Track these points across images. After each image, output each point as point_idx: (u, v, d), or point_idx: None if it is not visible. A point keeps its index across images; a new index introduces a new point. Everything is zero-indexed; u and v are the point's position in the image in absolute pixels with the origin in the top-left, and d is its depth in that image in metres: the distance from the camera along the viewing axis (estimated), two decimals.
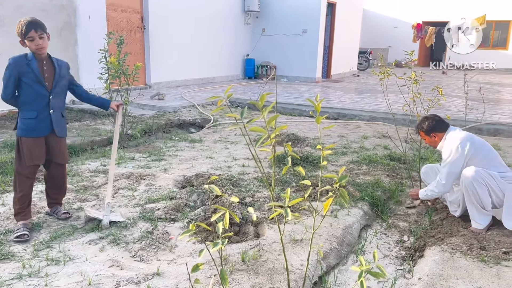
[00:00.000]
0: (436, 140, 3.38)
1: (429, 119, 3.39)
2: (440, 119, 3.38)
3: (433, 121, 3.35)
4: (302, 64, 13.30)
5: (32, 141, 2.93)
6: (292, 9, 13.02)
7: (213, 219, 1.54)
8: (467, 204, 3.09)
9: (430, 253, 2.77)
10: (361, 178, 4.26)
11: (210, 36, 12.04)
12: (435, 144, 3.42)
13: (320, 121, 1.65)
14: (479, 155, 3.13)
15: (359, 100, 9.58)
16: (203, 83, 11.88)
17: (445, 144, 3.28)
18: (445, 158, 3.23)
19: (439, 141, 3.36)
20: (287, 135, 5.89)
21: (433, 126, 3.35)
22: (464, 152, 3.11)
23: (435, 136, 3.36)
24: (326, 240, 2.91)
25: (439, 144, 3.37)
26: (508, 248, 2.73)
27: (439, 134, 3.34)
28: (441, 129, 3.34)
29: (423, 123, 3.40)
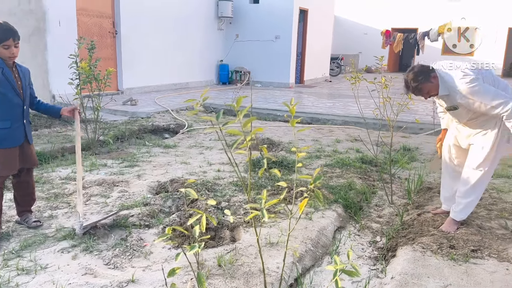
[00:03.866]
0: (437, 82, 2.93)
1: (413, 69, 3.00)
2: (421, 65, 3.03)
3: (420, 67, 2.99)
4: (276, 69, 13.41)
5: (6, 152, 2.85)
6: (265, 16, 13.14)
7: (190, 222, 1.54)
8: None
9: (402, 252, 2.84)
10: (334, 181, 4.33)
11: (183, 42, 12.00)
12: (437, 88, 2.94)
13: (294, 123, 1.68)
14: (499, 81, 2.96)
15: (331, 105, 9.73)
16: (177, 89, 11.80)
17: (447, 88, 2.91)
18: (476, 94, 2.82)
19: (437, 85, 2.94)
20: (262, 140, 5.92)
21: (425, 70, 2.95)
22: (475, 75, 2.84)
23: (435, 77, 2.93)
24: (301, 243, 2.94)
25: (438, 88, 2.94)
26: (476, 246, 2.84)
27: (435, 74, 2.94)
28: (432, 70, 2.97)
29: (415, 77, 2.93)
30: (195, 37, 12.52)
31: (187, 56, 12.22)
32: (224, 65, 13.67)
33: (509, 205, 3.60)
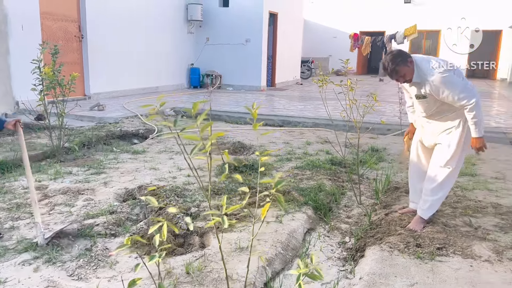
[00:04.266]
0: (413, 67, 3.01)
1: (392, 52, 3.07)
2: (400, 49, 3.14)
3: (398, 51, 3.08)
4: (247, 73, 13.43)
5: None
6: (235, 19, 13.14)
7: (151, 231, 1.50)
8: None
9: (370, 252, 2.88)
10: (305, 183, 4.35)
11: (153, 45, 11.85)
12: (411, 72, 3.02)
13: (257, 127, 1.66)
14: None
15: (302, 108, 9.81)
16: (146, 93, 11.63)
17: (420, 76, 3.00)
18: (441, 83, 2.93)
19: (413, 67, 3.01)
20: (233, 144, 5.89)
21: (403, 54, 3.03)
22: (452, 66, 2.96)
23: (411, 62, 3.01)
24: (271, 246, 2.93)
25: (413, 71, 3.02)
26: (441, 244, 2.90)
27: (411, 59, 3.02)
28: (410, 55, 3.05)
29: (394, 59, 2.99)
30: (165, 40, 12.40)
31: (157, 60, 12.08)
32: (195, 69, 13.58)
33: (473, 203, 3.71)
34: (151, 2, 11.70)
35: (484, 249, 2.82)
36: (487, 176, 4.61)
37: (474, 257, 2.72)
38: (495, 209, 3.57)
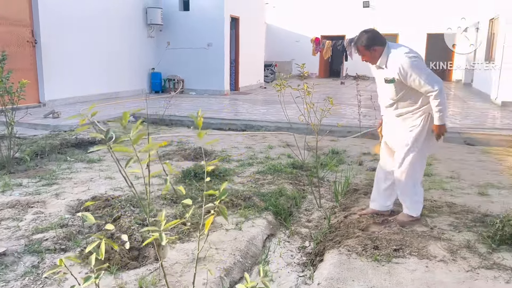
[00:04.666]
0: (376, 55, 3.20)
1: (368, 32, 3.23)
2: (378, 32, 3.26)
3: (372, 34, 3.21)
4: (210, 77, 13.32)
5: None
6: (196, 23, 13.02)
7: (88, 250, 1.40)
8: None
9: (329, 257, 2.87)
10: (266, 188, 4.32)
11: (111, 50, 11.54)
12: (374, 60, 3.22)
13: (202, 136, 1.60)
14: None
15: (265, 111, 9.81)
16: (106, 99, 11.30)
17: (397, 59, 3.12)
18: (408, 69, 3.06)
19: (379, 56, 3.19)
20: (194, 149, 5.79)
21: (373, 39, 3.18)
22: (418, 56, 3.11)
23: (375, 50, 3.18)
24: (230, 255, 2.86)
25: (379, 60, 3.20)
26: (398, 245, 2.93)
27: (379, 48, 3.18)
28: (381, 43, 3.19)
29: (362, 37, 3.20)
30: (124, 45, 12.11)
31: (116, 64, 11.78)
32: (156, 73, 13.34)
33: (429, 203, 3.78)
34: (109, 6, 11.40)
35: (439, 249, 2.87)
36: (442, 175, 4.74)
37: (429, 257, 2.76)
38: (449, 208, 3.66)
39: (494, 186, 4.35)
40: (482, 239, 3.00)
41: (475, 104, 11.31)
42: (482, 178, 4.63)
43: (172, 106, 9.74)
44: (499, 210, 3.57)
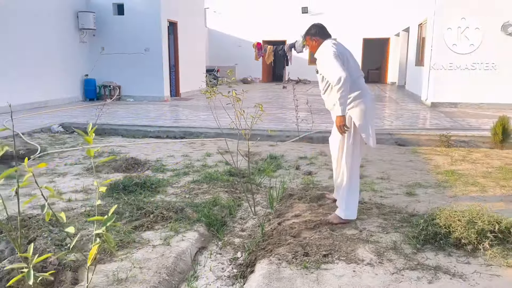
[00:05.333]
0: (315, 44, 3.60)
1: (316, 24, 3.70)
2: (325, 28, 3.66)
3: (318, 26, 3.65)
4: (149, 83, 12.94)
5: None
6: (131, 28, 12.61)
7: None
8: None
9: (259, 267, 2.80)
10: (200, 197, 4.19)
11: (39, 57, 10.88)
12: (314, 49, 3.61)
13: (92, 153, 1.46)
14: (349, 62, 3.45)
15: (205, 118, 9.66)
16: (34, 108, 10.61)
17: (319, 49, 3.53)
18: (324, 57, 3.40)
19: (317, 47, 3.58)
20: (125, 160, 5.52)
21: (318, 31, 3.60)
22: (336, 50, 3.37)
23: (315, 40, 3.59)
24: (155, 273, 2.70)
25: (316, 49, 3.58)
26: (327, 251, 2.92)
27: (319, 39, 3.58)
28: (322, 36, 3.59)
29: (310, 30, 3.65)
30: (54, 51, 11.47)
31: (46, 71, 11.12)
32: (90, 80, 12.75)
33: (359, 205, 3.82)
34: (37, 10, 10.74)
35: (367, 252, 2.90)
36: (373, 177, 4.86)
37: (357, 261, 2.78)
38: (379, 209, 3.73)
39: (421, 185, 4.52)
40: (407, 239, 3.07)
41: (407, 105, 11.88)
42: (411, 178, 4.80)
43: (107, 114, 9.33)
44: (425, 209, 3.70)
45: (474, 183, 4.57)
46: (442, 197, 4.12)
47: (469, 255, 2.85)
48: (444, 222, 3.08)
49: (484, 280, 2.54)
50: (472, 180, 4.68)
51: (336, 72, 3.23)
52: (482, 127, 7.90)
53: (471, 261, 2.77)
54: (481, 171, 5.09)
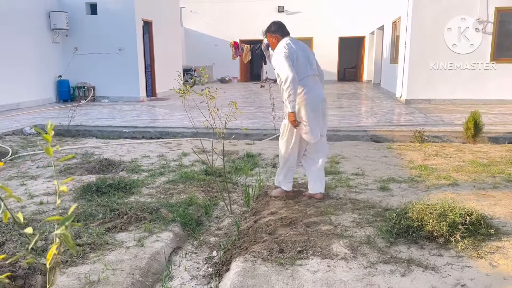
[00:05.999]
0: (275, 41, 3.89)
1: (276, 22, 3.97)
2: (284, 26, 3.95)
3: (278, 25, 3.93)
4: (124, 83, 12.75)
5: None
6: (105, 27, 12.40)
7: None
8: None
9: (234, 265, 2.78)
10: (175, 197, 4.15)
11: (10, 57, 10.58)
12: (274, 45, 3.88)
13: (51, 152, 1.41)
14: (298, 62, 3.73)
15: (182, 118, 9.57)
16: (6, 110, 10.32)
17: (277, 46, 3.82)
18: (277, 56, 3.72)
19: (277, 44, 3.85)
20: (99, 161, 5.42)
21: (277, 29, 3.90)
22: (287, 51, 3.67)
23: (275, 37, 3.89)
24: (128, 275, 2.66)
25: (276, 46, 3.85)
26: (302, 247, 2.93)
27: (279, 37, 3.87)
28: (282, 33, 3.88)
29: (270, 27, 3.93)
30: (25, 52, 11.17)
31: (18, 73, 10.83)
32: (64, 81, 12.48)
33: (334, 201, 3.88)
34: (5, 9, 10.43)
35: (341, 247, 2.92)
36: (348, 173, 4.91)
37: (331, 256, 2.79)
38: (353, 204, 3.77)
39: (395, 180, 4.59)
40: (381, 233, 3.11)
41: (382, 102, 12.06)
42: (385, 173, 4.87)
43: (81, 116, 9.15)
44: (398, 203, 3.75)
45: (447, 177, 4.67)
46: (415, 191, 4.19)
47: (441, 247, 2.90)
48: (417, 216, 3.13)
49: (456, 272, 2.59)
50: (444, 174, 4.78)
51: (284, 72, 3.58)
52: (455, 122, 8.09)
53: (443, 253, 2.82)
54: (453, 165, 5.20)
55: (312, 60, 3.88)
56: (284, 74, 3.59)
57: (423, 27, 11.17)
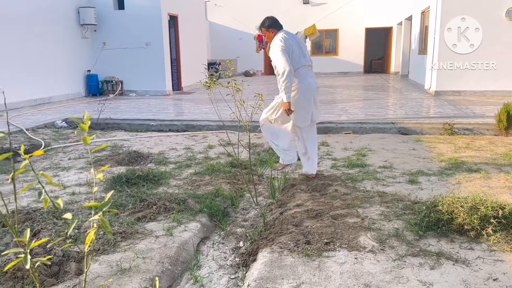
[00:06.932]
0: (272, 35, 4.15)
1: (269, 17, 4.22)
2: (278, 20, 4.22)
3: (272, 20, 4.19)
4: (150, 77, 12.94)
5: None
6: (132, 22, 12.59)
7: None
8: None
9: (261, 256, 2.80)
10: (202, 189, 4.21)
11: (42, 53, 10.90)
12: (271, 39, 4.15)
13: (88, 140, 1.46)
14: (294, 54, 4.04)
15: (208, 111, 9.66)
16: (38, 104, 10.66)
17: (274, 39, 4.09)
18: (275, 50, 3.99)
19: (273, 37, 4.12)
20: (128, 153, 5.54)
21: (272, 23, 4.16)
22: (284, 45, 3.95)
23: (272, 31, 4.15)
24: (158, 263, 2.72)
25: (272, 39, 4.12)
26: (329, 239, 2.93)
27: (275, 30, 4.15)
28: (277, 27, 4.17)
29: (265, 21, 4.19)
30: (57, 47, 11.49)
31: (48, 68, 11.14)
32: (93, 75, 12.77)
33: (361, 193, 3.84)
34: (38, 7, 10.74)
35: (369, 239, 2.90)
36: (375, 166, 4.85)
37: (359, 248, 2.78)
38: (381, 197, 3.73)
39: (424, 173, 4.51)
40: (410, 226, 3.07)
41: (410, 94, 11.81)
42: (414, 166, 4.78)
43: (109, 109, 9.35)
44: (428, 196, 3.68)
45: (478, 170, 4.55)
46: (445, 184, 4.10)
47: (472, 241, 2.84)
48: (447, 209, 3.07)
49: (487, 265, 2.54)
50: (475, 167, 4.66)
51: (282, 66, 3.87)
52: (486, 114, 7.85)
53: (474, 247, 2.76)
54: (485, 158, 5.06)
55: (305, 51, 4.19)
56: (281, 68, 3.87)
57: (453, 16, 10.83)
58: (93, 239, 1.34)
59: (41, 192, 1.37)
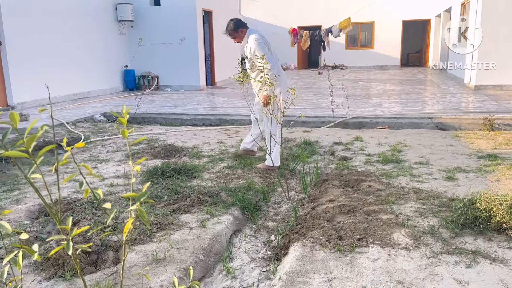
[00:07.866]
0: (242, 35, 4.37)
1: (232, 20, 4.41)
2: (240, 19, 4.46)
3: (237, 20, 4.39)
4: (185, 72, 13.15)
5: None
6: (168, 18, 12.81)
7: (5, 261, 1.32)
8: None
9: (292, 250, 2.82)
10: (234, 182, 4.26)
11: (81, 49, 11.29)
12: (241, 38, 4.38)
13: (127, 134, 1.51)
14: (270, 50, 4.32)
15: (240, 105, 9.72)
16: (77, 99, 11.07)
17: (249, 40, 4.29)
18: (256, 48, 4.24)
19: (244, 36, 4.35)
20: (163, 147, 5.68)
21: (239, 24, 4.38)
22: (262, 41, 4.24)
23: (241, 31, 4.38)
24: (191, 254, 2.79)
25: (244, 39, 4.37)
26: (361, 235, 2.90)
27: (244, 29, 4.39)
28: (244, 26, 4.40)
29: (230, 24, 4.39)
30: (95, 42, 11.87)
31: (87, 63, 11.54)
32: (130, 71, 13.11)
33: (396, 190, 3.77)
34: (77, 3, 11.13)
35: (403, 236, 2.85)
36: (411, 162, 4.74)
37: (392, 245, 2.74)
38: (416, 194, 3.65)
39: (462, 170, 4.37)
40: (446, 224, 2.99)
41: (448, 88, 11.43)
42: (451, 163, 4.65)
43: (146, 104, 9.58)
44: (465, 194, 3.58)
45: None
46: (483, 181, 3.97)
47: (511, 240, 2.74)
48: (485, 206, 2.97)
49: None
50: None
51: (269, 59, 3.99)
52: None
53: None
54: None
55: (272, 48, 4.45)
56: (270, 61, 4.01)
57: (495, 8, 10.37)
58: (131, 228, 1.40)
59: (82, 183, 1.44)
